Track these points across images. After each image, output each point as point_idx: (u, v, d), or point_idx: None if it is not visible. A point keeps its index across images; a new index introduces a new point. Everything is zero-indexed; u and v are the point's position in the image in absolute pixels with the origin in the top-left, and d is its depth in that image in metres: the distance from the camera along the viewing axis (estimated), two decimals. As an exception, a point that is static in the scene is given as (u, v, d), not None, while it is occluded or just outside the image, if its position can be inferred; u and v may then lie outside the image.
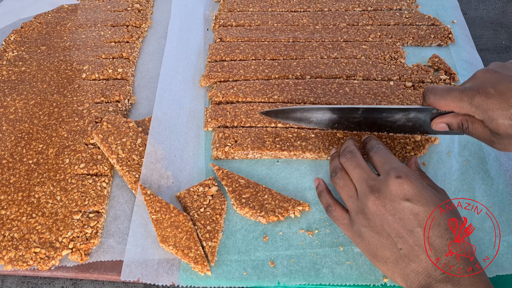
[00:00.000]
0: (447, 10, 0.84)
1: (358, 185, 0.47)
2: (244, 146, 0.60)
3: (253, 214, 0.54)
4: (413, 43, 0.77)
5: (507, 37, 0.83)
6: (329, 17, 0.82)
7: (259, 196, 0.55)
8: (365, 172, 0.48)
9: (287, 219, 0.54)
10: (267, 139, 0.60)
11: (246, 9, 0.85)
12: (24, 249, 0.52)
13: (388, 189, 0.44)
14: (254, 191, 0.56)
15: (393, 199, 0.44)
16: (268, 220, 0.53)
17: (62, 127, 0.64)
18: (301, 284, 0.49)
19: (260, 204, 0.54)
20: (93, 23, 0.83)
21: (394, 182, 0.44)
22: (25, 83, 0.72)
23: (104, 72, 0.73)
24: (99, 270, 0.51)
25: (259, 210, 0.54)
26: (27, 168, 0.60)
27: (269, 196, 0.55)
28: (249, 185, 0.56)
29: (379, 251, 0.45)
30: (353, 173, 0.49)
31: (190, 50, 0.77)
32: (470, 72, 0.71)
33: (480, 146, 0.61)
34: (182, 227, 0.52)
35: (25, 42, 0.80)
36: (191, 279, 0.49)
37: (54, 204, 0.56)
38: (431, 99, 0.49)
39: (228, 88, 0.68)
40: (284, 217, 0.54)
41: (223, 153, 0.60)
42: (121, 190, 0.59)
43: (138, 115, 0.68)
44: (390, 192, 0.44)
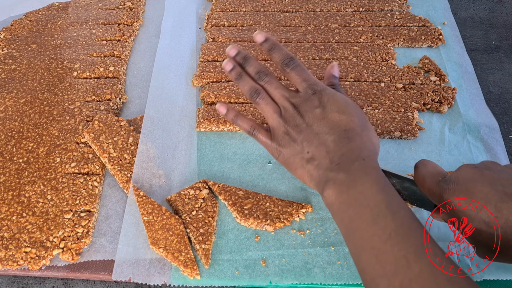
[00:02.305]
0: (438, 11, 0.85)
1: (281, 103, 0.50)
2: None
3: (258, 224, 0.53)
4: (404, 44, 0.78)
5: (497, 37, 0.84)
6: (321, 17, 0.82)
7: (260, 205, 0.55)
8: (286, 91, 0.50)
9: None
10: None
11: (239, 9, 0.85)
12: (14, 248, 0.51)
13: (306, 102, 0.48)
14: (254, 200, 0.55)
15: (309, 109, 0.48)
16: (275, 228, 0.53)
17: (53, 126, 0.64)
18: (293, 283, 0.49)
19: (264, 213, 0.54)
20: (84, 21, 0.83)
21: (311, 96, 0.48)
22: (15, 81, 0.71)
23: (96, 71, 0.72)
24: (91, 269, 0.51)
25: (264, 219, 0.53)
26: (17, 167, 0.59)
27: (270, 203, 0.55)
28: (249, 195, 0.56)
29: (292, 159, 0.48)
30: (274, 93, 0.51)
31: (183, 48, 0.77)
32: (459, 74, 0.72)
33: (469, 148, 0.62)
34: (173, 230, 0.52)
35: (15, 40, 0.79)
36: (183, 279, 0.49)
37: (45, 203, 0.55)
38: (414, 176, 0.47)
39: (220, 89, 0.68)
40: (290, 222, 0.54)
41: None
42: (112, 189, 0.58)
43: (130, 114, 0.68)
44: (308, 104, 0.48)
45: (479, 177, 0.42)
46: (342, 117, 0.46)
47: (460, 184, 0.42)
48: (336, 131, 0.46)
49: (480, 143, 0.62)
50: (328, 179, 0.43)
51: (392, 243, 0.37)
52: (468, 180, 0.42)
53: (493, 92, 0.73)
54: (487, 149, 0.61)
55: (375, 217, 0.39)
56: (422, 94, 0.67)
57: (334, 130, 0.46)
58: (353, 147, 0.44)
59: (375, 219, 0.39)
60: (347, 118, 0.46)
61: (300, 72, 0.50)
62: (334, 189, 0.43)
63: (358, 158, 0.43)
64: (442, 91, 0.68)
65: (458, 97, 0.68)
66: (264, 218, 0.53)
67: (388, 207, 0.39)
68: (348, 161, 0.43)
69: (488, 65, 0.78)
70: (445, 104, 0.67)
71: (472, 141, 0.62)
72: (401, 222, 0.38)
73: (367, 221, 0.39)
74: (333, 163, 0.44)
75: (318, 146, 0.46)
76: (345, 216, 0.41)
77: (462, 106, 0.67)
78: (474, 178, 0.42)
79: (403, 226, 0.38)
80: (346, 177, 0.42)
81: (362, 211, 0.40)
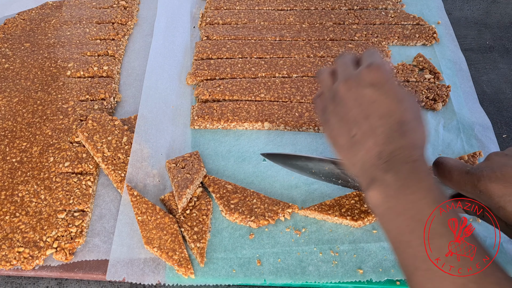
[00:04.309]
0: (432, 10, 0.85)
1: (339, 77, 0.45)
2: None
3: (242, 220, 0.53)
4: (398, 42, 0.78)
5: (491, 37, 0.84)
6: (316, 15, 0.82)
7: (247, 201, 0.55)
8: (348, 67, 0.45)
9: (274, 217, 0.54)
10: None
11: (233, 7, 0.85)
12: (7, 248, 0.51)
13: (358, 75, 0.43)
14: (242, 196, 0.55)
15: (359, 84, 0.42)
16: (258, 225, 0.53)
17: (46, 125, 0.64)
18: (287, 282, 0.49)
19: (250, 209, 0.54)
20: (78, 20, 0.82)
21: (365, 69, 0.42)
22: (8, 80, 0.71)
23: (89, 70, 0.72)
24: (84, 269, 0.51)
25: (248, 215, 0.53)
26: (10, 166, 0.59)
27: (257, 200, 0.55)
28: (237, 190, 0.56)
29: (338, 137, 0.43)
30: (338, 69, 0.46)
31: (177, 48, 0.77)
32: (454, 71, 0.72)
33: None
34: (167, 229, 0.52)
35: (9, 38, 0.79)
36: (178, 278, 0.49)
37: (38, 203, 0.55)
38: (439, 173, 0.46)
39: (214, 86, 0.68)
40: (274, 221, 0.54)
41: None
42: (106, 189, 0.58)
43: (124, 113, 0.68)
44: (359, 77, 0.42)
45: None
46: (398, 106, 0.41)
47: (495, 170, 0.41)
48: (388, 122, 0.40)
49: (474, 141, 0.62)
50: (375, 177, 0.39)
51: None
52: (502, 166, 0.41)
53: (487, 91, 0.73)
54: (481, 147, 0.61)
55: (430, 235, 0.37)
56: (417, 92, 0.67)
57: (386, 119, 0.40)
58: (405, 144, 0.40)
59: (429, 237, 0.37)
60: (403, 107, 0.41)
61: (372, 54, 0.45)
62: (381, 191, 0.39)
63: (410, 159, 0.39)
64: (436, 89, 0.68)
65: (452, 95, 0.68)
66: (249, 214, 0.53)
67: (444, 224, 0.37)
68: (399, 161, 0.39)
69: (482, 65, 0.78)
70: (439, 102, 0.67)
71: (466, 139, 0.62)
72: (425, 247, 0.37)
73: (420, 238, 0.37)
74: (380, 160, 0.39)
75: (367, 132, 0.41)
76: (393, 226, 0.39)
77: (456, 104, 0.67)
78: (507, 164, 0.41)
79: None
80: (395, 179, 0.38)
81: (414, 225, 0.37)
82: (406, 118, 0.40)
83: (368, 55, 0.45)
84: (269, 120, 0.63)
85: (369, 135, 0.40)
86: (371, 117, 0.41)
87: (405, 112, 0.41)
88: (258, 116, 0.64)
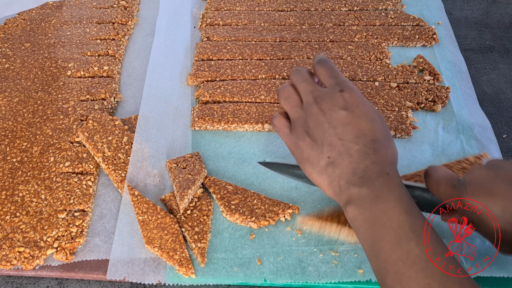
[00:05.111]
0: (432, 11, 0.85)
1: (304, 96, 0.48)
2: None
3: (243, 220, 0.53)
4: (398, 44, 0.78)
5: (491, 37, 0.84)
6: (316, 16, 0.82)
7: (248, 201, 0.55)
8: (311, 85, 0.48)
9: (274, 218, 0.54)
10: None
11: (233, 8, 0.85)
12: (7, 248, 0.51)
13: (330, 99, 0.46)
14: (242, 197, 0.55)
15: (333, 108, 0.45)
16: (259, 225, 0.53)
17: (46, 125, 0.64)
18: (287, 282, 0.49)
19: (250, 210, 0.54)
20: (78, 20, 0.82)
21: (337, 93, 0.46)
22: (8, 80, 0.71)
23: (90, 70, 0.72)
24: (85, 269, 0.51)
25: (249, 216, 0.53)
26: (10, 166, 0.59)
27: (258, 201, 0.55)
28: (237, 191, 0.56)
29: (311, 159, 0.46)
30: (299, 87, 0.49)
31: (178, 47, 0.77)
32: (453, 73, 0.73)
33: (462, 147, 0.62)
34: (168, 229, 0.52)
35: (9, 38, 0.79)
36: (178, 277, 0.49)
37: (39, 203, 0.55)
38: (427, 183, 0.47)
39: (215, 87, 0.68)
40: (274, 221, 0.54)
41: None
42: (107, 189, 0.58)
43: (124, 113, 0.68)
44: (332, 102, 0.45)
45: (494, 176, 0.42)
46: (370, 126, 0.44)
47: (477, 185, 0.42)
48: (361, 141, 0.43)
49: (473, 142, 0.62)
50: (351, 194, 0.42)
51: (417, 269, 0.36)
52: (485, 181, 0.42)
53: (487, 92, 0.74)
54: (480, 148, 0.62)
55: (399, 240, 0.38)
56: (416, 93, 0.68)
57: (360, 139, 0.43)
58: (377, 160, 0.43)
59: (398, 242, 0.38)
60: (375, 127, 0.44)
61: (329, 69, 0.48)
62: (357, 205, 0.41)
63: (383, 173, 0.42)
64: (436, 90, 0.68)
65: (451, 96, 0.69)
66: (250, 215, 0.53)
67: (411, 229, 0.39)
68: (372, 176, 0.42)
69: (482, 65, 0.79)
70: (439, 103, 0.67)
71: (466, 140, 0.63)
72: (425, 247, 0.38)
73: (390, 244, 0.39)
74: (355, 176, 0.42)
75: (341, 153, 0.43)
76: (368, 235, 0.41)
77: (455, 105, 0.68)
78: (490, 179, 0.42)
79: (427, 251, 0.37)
80: (369, 193, 0.41)
81: (385, 232, 0.39)
82: (378, 137, 0.44)
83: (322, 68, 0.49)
84: (269, 121, 0.63)
85: (344, 156, 0.43)
86: (346, 138, 0.44)
87: (377, 131, 0.44)
88: (258, 118, 0.64)
